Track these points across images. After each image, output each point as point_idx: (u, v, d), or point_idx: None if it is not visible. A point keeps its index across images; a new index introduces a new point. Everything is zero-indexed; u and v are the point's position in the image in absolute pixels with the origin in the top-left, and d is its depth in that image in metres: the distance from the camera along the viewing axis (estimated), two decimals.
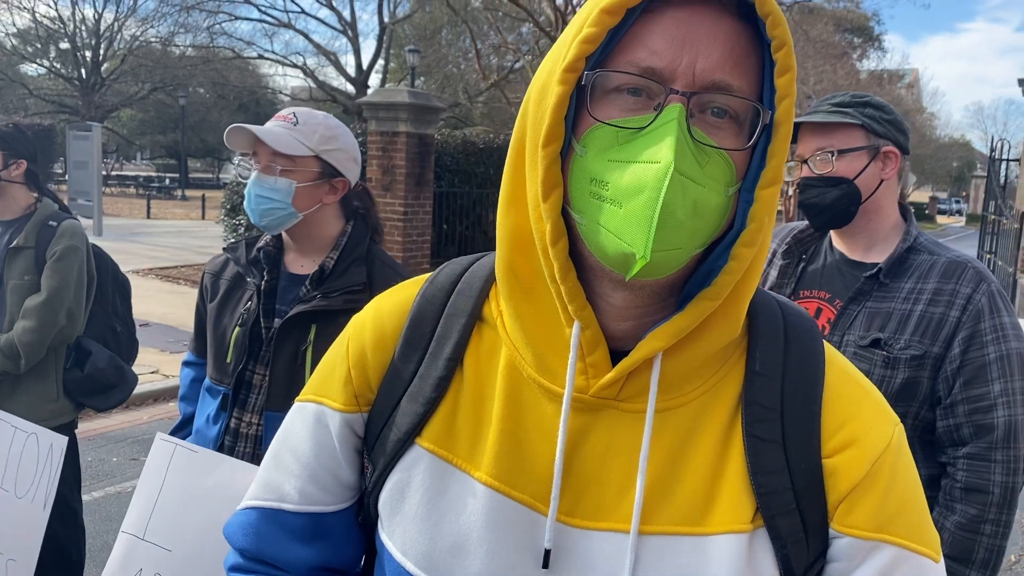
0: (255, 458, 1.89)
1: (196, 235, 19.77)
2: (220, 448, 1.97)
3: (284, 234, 2.08)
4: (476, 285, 0.97)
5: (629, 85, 0.77)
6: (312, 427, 0.99)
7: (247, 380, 1.99)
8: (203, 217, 26.67)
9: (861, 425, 0.86)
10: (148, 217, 26.13)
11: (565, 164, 0.79)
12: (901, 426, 0.89)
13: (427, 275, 1.02)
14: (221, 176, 54.89)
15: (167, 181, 44.86)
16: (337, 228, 2.07)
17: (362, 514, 1.03)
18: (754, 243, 0.79)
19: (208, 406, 2.07)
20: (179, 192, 39.85)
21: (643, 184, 0.71)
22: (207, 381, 2.11)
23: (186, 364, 2.31)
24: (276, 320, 1.99)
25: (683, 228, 0.72)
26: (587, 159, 0.77)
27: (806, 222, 2.04)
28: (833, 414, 0.86)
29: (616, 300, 0.83)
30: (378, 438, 0.95)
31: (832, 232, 2.03)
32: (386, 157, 10.80)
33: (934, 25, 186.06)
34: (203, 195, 30.82)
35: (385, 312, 1.01)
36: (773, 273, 2.10)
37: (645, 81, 0.76)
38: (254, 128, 1.92)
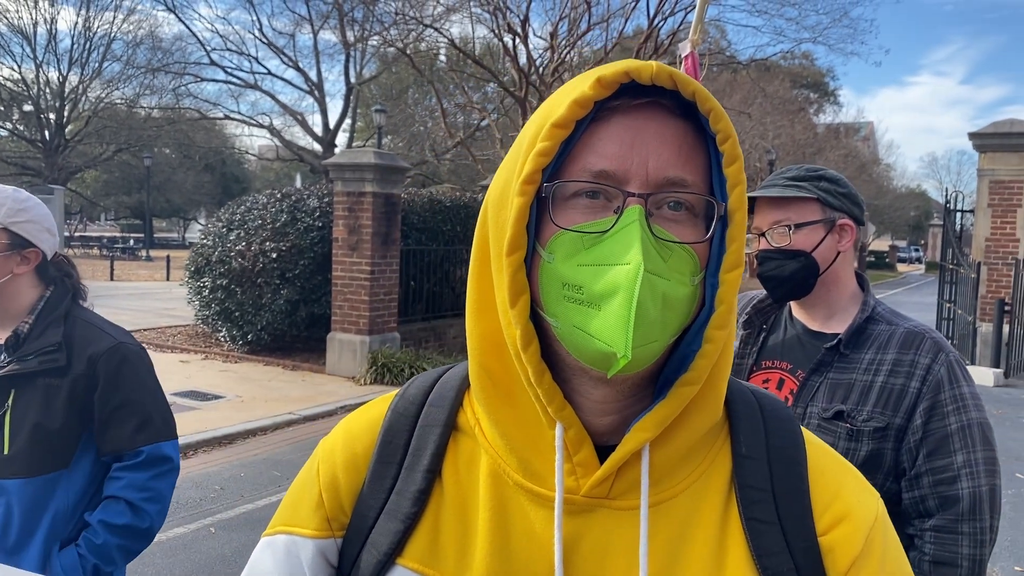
0: None
1: (160, 297, 19.52)
2: None
3: None
4: (449, 395, 0.95)
5: (586, 190, 0.79)
6: (283, 560, 0.92)
7: None
8: (168, 278, 26.38)
9: (849, 500, 0.87)
10: (111, 279, 25.78)
11: (531, 269, 0.80)
12: (881, 499, 0.91)
13: (395, 392, 1.00)
14: (186, 236, 54.57)
15: (131, 242, 44.46)
16: (34, 296, 2.10)
17: None
18: (725, 325, 0.80)
19: None
20: (143, 253, 39.51)
21: (616, 286, 0.73)
22: None
23: None
24: None
25: (656, 323, 0.74)
26: (556, 265, 0.78)
27: (764, 292, 2.05)
28: (821, 491, 0.88)
29: (596, 396, 0.82)
30: (355, 563, 0.90)
31: (791, 303, 2.04)
32: (352, 217, 10.81)
33: (883, 79, 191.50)
34: (168, 256, 30.55)
35: (355, 431, 0.97)
36: (735, 343, 2.10)
37: (601, 185, 0.78)
38: None
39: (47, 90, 34.73)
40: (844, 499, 0.87)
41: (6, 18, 32.77)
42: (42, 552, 2.01)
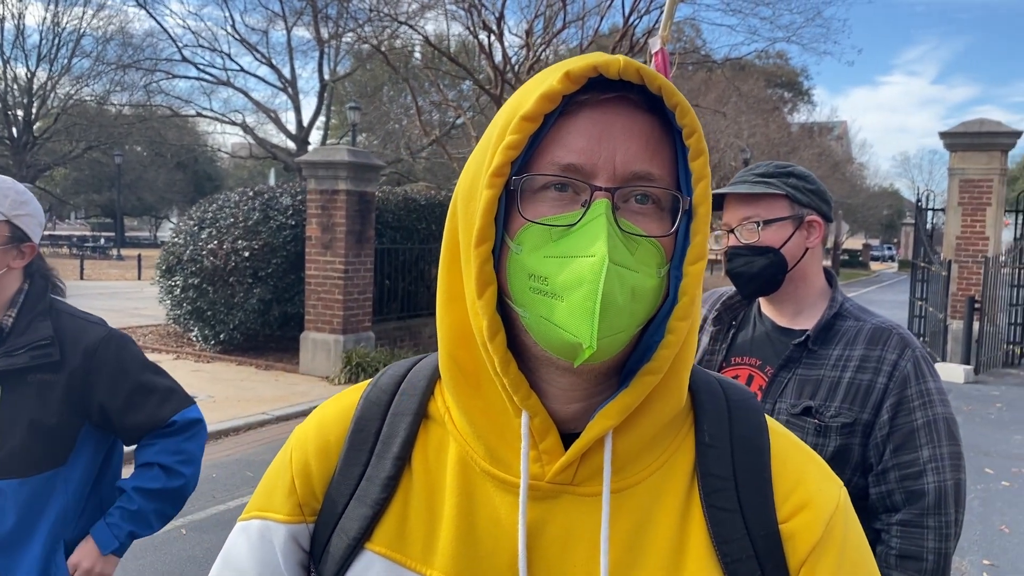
0: None
1: (130, 297, 19.31)
2: None
3: None
4: (420, 384, 0.97)
5: (555, 183, 0.80)
6: (256, 544, 0.95)
7: None
8: (139, 278, 26.09)
9: (810, 488, 0.89)
10: (81, 278, 25.44)
11: (500, 260, 0.82)
12: (845, 488, 0.92)
13: (368, 381, 1.02)
14: (158, 235, 54.05)
15: (102, 240, 43.96)
16: (15, 287, 2.06)
17: None
18: (688, 316, 0.81)
19: None
20: (114, 251, 39.05)
21: (581, 278, 0.74)
22: None
23: None
24: None
25: (623, 314, 0.75)
26: (523, 256, 0.79)
27: (733, 288, 2.05)
28: (783, 480, 0.89)
29: (562, 385, 0.84)
30: (325, 547, 0.93)
31: (760, 299, 2.04)
32: (326, 215, 10.74)
33: (856, 78, 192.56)
34: (139, 255, 30.21)
35: (328, 419, 0.99)
36: (705, 339, 2.10)
37: (569, 179, 0.79)
38: None
39: (15, 86, 34.24)
40: (806, 487, 0.89)
41: None
42: (43, 554, 1.95)
